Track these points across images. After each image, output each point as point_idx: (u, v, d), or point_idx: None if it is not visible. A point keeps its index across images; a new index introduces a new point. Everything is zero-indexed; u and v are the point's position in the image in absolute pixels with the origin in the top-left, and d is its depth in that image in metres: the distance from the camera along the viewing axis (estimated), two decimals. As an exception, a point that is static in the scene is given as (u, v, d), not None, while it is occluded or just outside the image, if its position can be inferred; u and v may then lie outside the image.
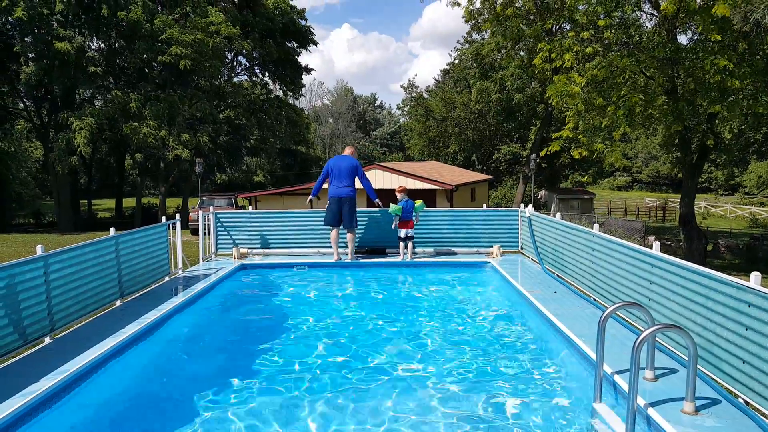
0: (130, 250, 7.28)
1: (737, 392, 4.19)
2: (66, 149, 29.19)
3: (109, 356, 5.29)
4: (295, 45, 41.47)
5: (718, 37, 13.93)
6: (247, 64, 41.77)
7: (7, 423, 3.93)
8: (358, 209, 9.65)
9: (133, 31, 29.77)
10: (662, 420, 3.79)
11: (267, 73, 41.65)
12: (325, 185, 9.99)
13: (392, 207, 9.51)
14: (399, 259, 9.75)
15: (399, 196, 9.61)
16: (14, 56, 30.39)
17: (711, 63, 13.97)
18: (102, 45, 32.97)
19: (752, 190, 50.04)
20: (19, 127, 35.86)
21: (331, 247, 9.84)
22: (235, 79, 41.37)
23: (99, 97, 34.85)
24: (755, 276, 4.10)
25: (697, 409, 3.91)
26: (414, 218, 9.59)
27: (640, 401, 4.03)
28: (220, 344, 6.44)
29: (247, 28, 36.02)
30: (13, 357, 5.10)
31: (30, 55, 29.56)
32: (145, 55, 30.76)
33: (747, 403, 4.07)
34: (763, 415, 3.88)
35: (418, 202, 9.58)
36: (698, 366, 4.48)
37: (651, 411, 3.94)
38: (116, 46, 32.44)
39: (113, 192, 45.63)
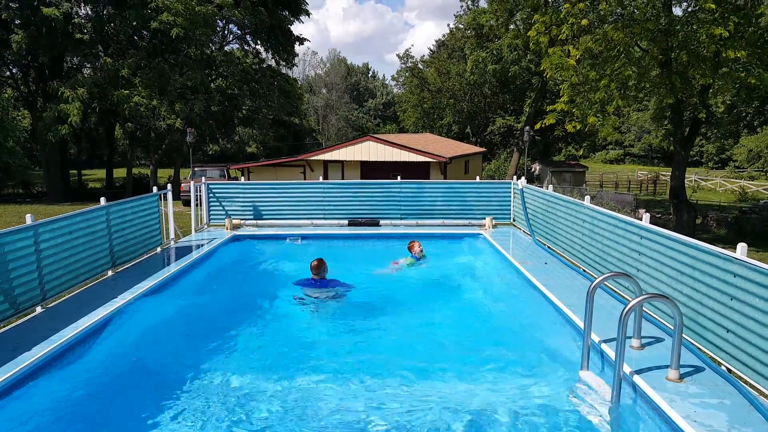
0: (121, 220, 7.25)
1: (721, 360, 4.28)
2: (56, 120, 28.72)
3: (101, 326, 5.32)
4: (288, 13, 40.65)
5: (713, 6, 13.84)
6: (239, 32, 40.98)
7: (1, 390, 3.96)
8: (354, 180, 9.59)
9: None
10: (647, 387, 3.88)
11: (259, 42, 40.88)
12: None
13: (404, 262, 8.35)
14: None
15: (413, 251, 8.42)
16: (0, 23, 29.60)
17: (706, 32, 13.89)
18: (90, 12, 32.18)
19: (742, 163, 50.08)
20: (6, 95, 35.13)
21: (325, 219, 10.03)
22: (227, 48, 40.62)
23: (88, 66, 34.14)
24: (741, 247, 4.15)
25: (682, 377, 4.00)
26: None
27: (626, 369, 4.10)
28: (213, 313, 6.47)
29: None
30: (5, 326, 5.11)
31: (16, 22, 28.82)
32: (135, 23, 30.05)
33: (730, 370, 4.16)
34: (745, 382, 3.97)
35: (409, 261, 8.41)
36: (683, 335, 4.57)
37: (636, 378, 4.02)
38: (104, 12, 31.67)
39: (103, 162, 45.15)
